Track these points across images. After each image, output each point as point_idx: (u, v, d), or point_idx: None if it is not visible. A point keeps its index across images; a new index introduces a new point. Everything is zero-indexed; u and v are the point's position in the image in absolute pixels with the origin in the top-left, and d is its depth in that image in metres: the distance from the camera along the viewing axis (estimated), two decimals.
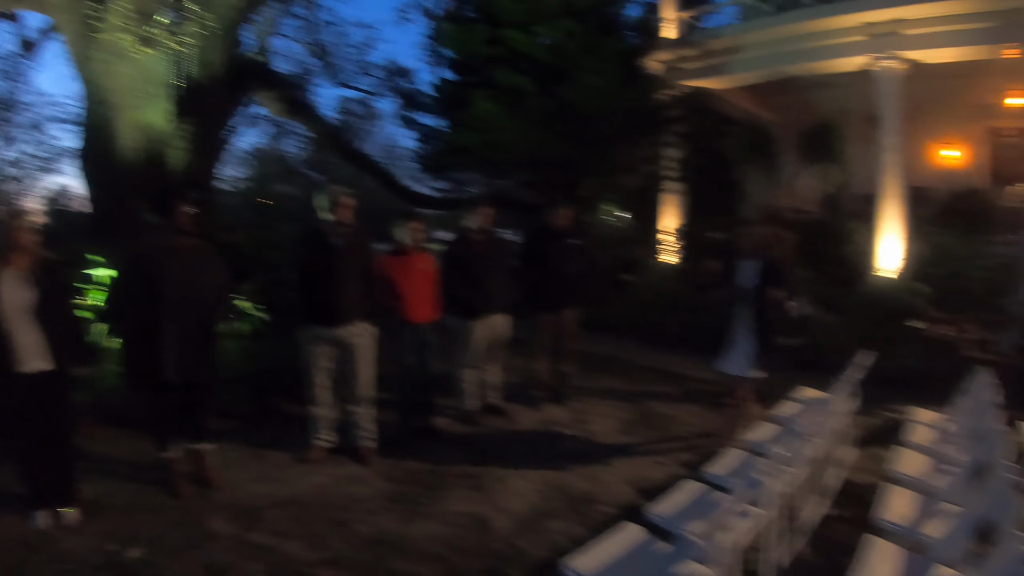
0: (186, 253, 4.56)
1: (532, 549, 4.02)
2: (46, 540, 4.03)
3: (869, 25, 11.94)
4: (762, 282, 5.46)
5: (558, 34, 11.78)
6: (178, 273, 4.47)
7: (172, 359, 4.45)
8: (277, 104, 13.21)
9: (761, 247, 5.64)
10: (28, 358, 3.97)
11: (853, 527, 4.08)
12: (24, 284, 3.97)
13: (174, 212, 4.57)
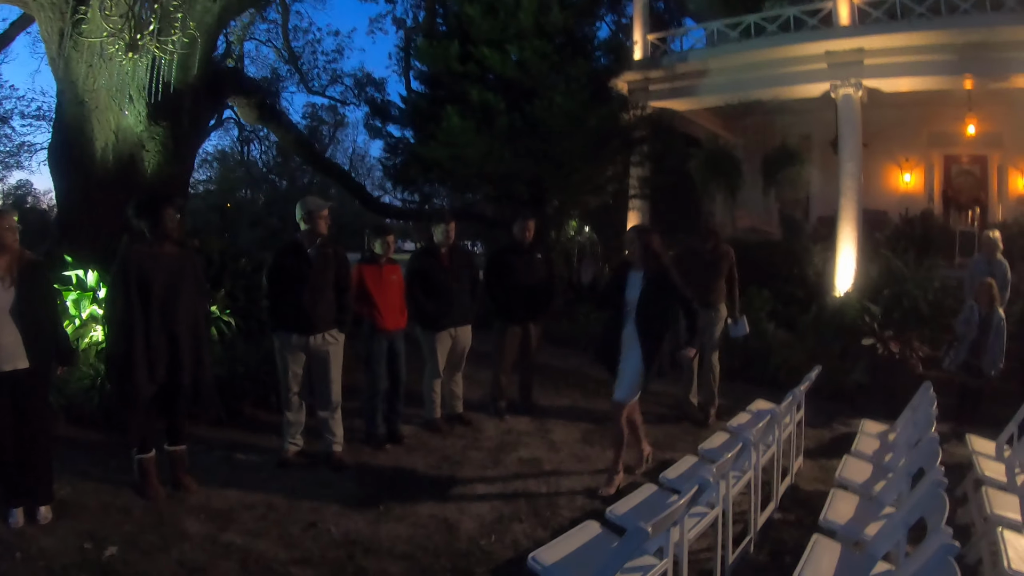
0: (171, 259, 4.65)
1: (497, 550, 4.15)
2: (21, 538, 4.06)
3: (830, 54, 12.27)
4: (647, 295, 5.12)
5: (528, 53, 11.93)
6: (164, 279, 4.57)
7: (156, 362, 4.54)
8: (248, 110, 13.24)
9: (645, 256, 5.21)
10: (7, 357, 4.01)
11: (799, 529, 4.32)
12: (4, 283, 4.02)
13: (161, 219, 4.63)
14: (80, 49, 8.47)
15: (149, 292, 4.51)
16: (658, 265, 5.16)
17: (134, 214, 4.72)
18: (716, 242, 7.17)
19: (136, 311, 4.49)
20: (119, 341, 4.58)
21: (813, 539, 3.31)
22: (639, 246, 5.28)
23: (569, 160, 12.37)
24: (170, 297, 4.58)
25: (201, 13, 8.80)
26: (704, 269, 6.99)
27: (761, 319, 9.07)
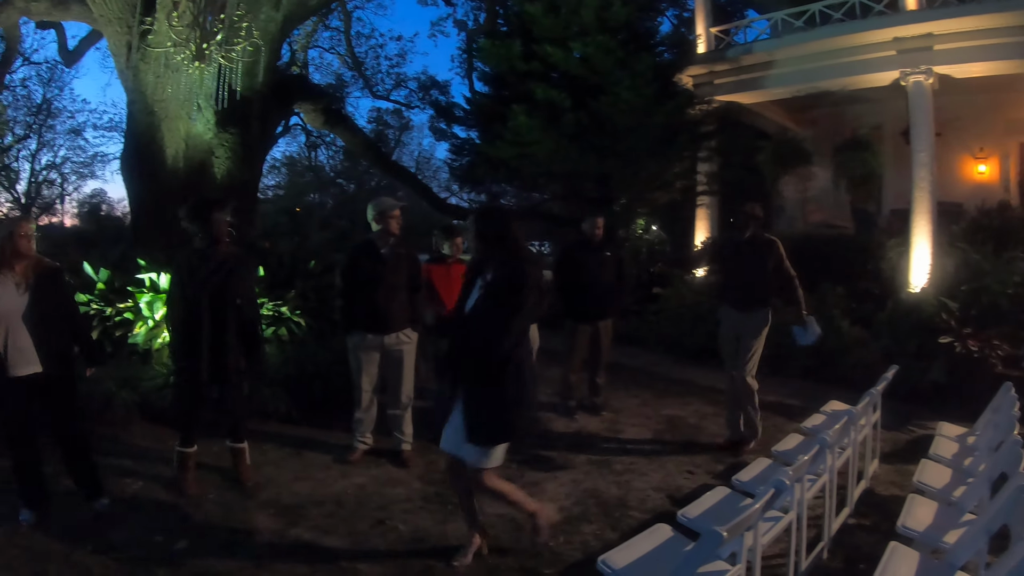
0: (223, 260, 4.76)
1: (566, 550, 4.13)
2: (92, 530, 4.22)
3: (899, 40, 11.95)
4: (484, 306, 3.73)
5: (592, 49, 11.88)
6: (215, 279, 4.68)
7: (208, 360, 4.66)
8: (315, 115, 13.47)
9: (484, 249, 3.84)
10: (22, 362, 4.11)
11: (874, 536, 4.21)
12: (19, 289, 4.12)
13: (212, 221, 4.75)
14: (148, 60, 8.72)
15: (201, 293, 4.63)
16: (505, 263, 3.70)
17: (186, 218, 4.85)
18: (755, 230, 6.08)
19: (191, 311, 4.64)
20: (179, 339, 4.77)
21: (890, 547, 3.23)
22: (473, 236, 3.88)
23: (636, 157, 12.29)
24: (222, 297, 4.69)
25: (265, 22, 8.99)
26: (743, 264, 6.06)
27: (835, 316, 8.84)
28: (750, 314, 5.96)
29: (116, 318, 6.93)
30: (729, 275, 6.25)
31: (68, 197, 35.80)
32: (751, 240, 6.04)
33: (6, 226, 4.25)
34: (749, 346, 5.96)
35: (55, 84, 28.83)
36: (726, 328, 6.19)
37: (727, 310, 6.18)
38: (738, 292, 6.07)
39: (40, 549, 4.00)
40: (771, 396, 7.44)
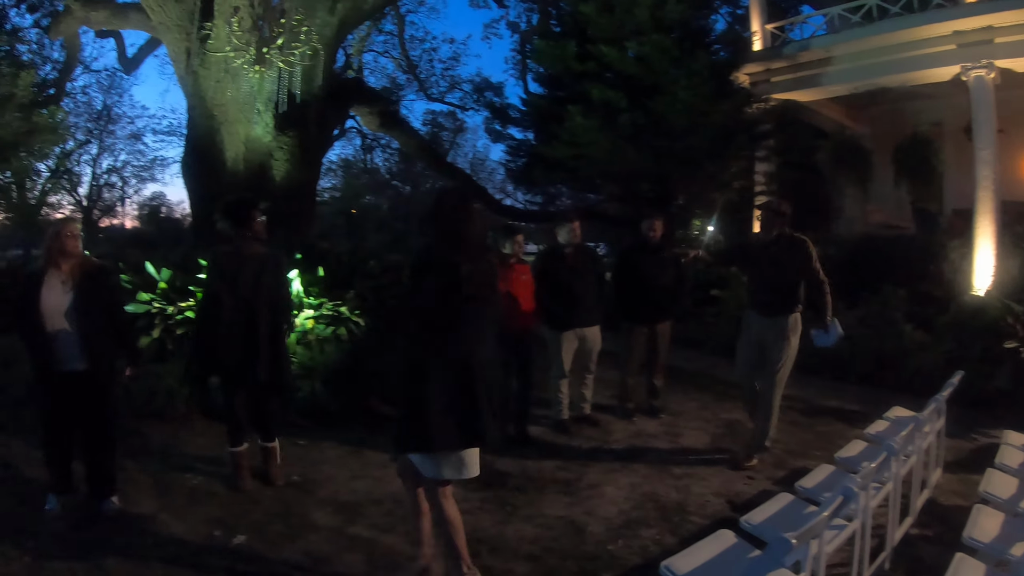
0: (255, 258, 4.82)
1: (625, 555, 4.11)
2: (154, 523, 4.35)
3: (959, 34, 11.73)
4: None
5: (648, 48, 11.82)
6: (248, 276, 4.74)
7: (237, 359, 4.74)
8: (371, 118, 13.63)
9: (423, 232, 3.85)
10: (65, 358, 4.21)
11: (937, 546, 4.14)
12: (65, 287, 4.23)
13: (247, 220, 4.82)
14: (207, 66, 8.91)
15: (234, 291, 4.70)
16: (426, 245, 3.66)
17: (220, 216, 4.92)
18: (782, 229, 5.61)
19: (220, 309, 4.70)
20: (200, 337, 4.87)
21: (956, 558, 3.16)
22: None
23: (693, 157, 12.21)
24: (253, 295, 4.75)
25: (321, 26, 9.13)
26: (769, 265, 5.56)
27: (897, 320, 8.67)
28: (776, 320, 5.51)
29: (177, 317, 7.08)
30: (754, 277, 5.87)
31: (128, 200, 36.73)
32: (778, 240, 5.58)
33: (53, 226, 4.37)
34: (778, 356, 5.51)
35: (115, 91, 29.70)
36: (748, 334, 5.76)
37: (751, 315, 5.78)
38: (763, 296, 5.64)
39: (100, 540, 4.12)
40: (831, 401, 7.37)
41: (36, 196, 17.10)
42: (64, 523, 4.32)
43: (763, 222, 5.78)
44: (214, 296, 4.75)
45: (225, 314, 4.69)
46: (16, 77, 12.15)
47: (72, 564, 3.83)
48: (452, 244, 3.39)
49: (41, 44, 18.75)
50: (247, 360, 4.75)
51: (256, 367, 4.78)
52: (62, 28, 13.31)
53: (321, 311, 7.35)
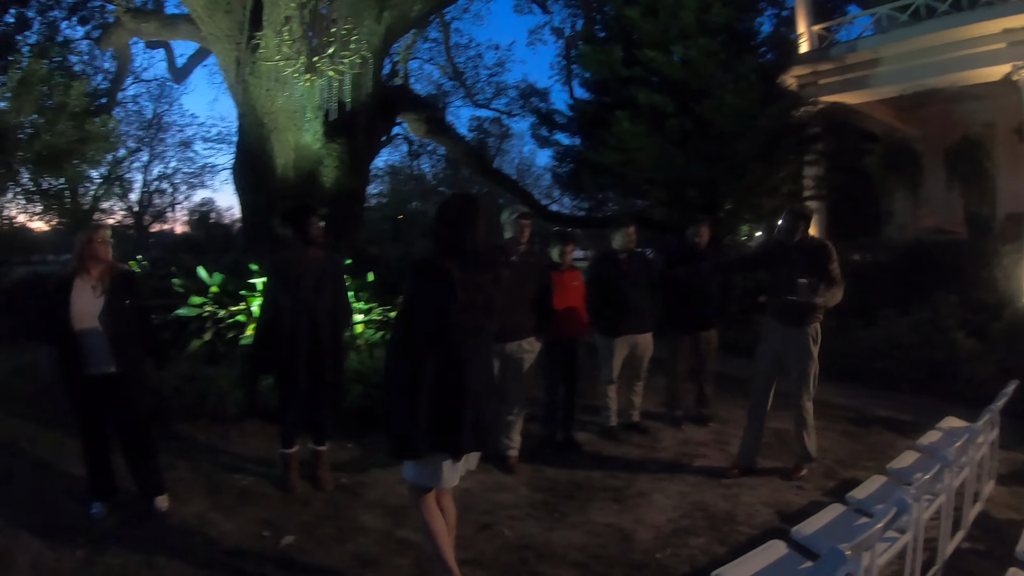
0: (315, 263, 4.89)
1: (673, 563, 4.07)
2: (204, 522, 4.44)
3: (1009, 31, 11.56)
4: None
5: (694, 52, 11.76)
6: (308, 281, 4.81)
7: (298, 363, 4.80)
8: (418, 125, 13.74)
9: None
10: (95, 361, 4.30)
11: (989, 561, 4.06)
12: (95, 292, 4.33)
13: (306, 225, 4.89)
14: (257, 75, 9.07)
15: (295, 295, 4.77)
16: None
17: (280, 222, 5.00)
18: (804, 233, 5.39)
19: (281, 313, 4.78)
20: (261, 340, 4.92)
21: (1009, 573, 3.11)
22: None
23: (741, 161, 12.08)
24: (314, 299, 4.82)
25: (368, 35, 9.24)
26: (791, 271, 5.23)
27: (949, 327, 8.50)
28: (798, 330, 5.28)
29: (229, 320, 7.23)
30: (775, 284, 5.50)
31: (178, 206, 37.59)
32: (800, 244, 5.34)
33: (83, 233, 4.47)
34: (802, 368, 5.32)
35: (165, 100, 30.54)
36: (768, 344, 5.53)
37: (771, 323, 5.55)
38: (785, 303, 5.33)
39: (150, 539, 4.22)
40: (881, 411, 7.26)
41: (89, 202, 17.56)
42: (113, 521, 4.44)
43: (785, 226, 5.41)
44: (275, 301, 4.83)
45: (285, 318, 4.77)
46: (69, 87, 12.45)
47: (124, 560, 3.93)
48: (449, 250, 3.33)
49: (93, 55, 19.37)
50: (307, 363, 4.83)
51: (316, 370, 4.86)
52: (113, 40, 13.66)
53: (371, 316, 7.44)
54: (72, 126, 12.51)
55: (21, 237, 14.76)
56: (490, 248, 3.44)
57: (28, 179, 13.10)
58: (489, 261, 3.40)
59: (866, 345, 8.87)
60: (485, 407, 3.37)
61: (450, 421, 3.27)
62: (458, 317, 3.27)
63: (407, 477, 3.43)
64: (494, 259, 3.42)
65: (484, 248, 3.39)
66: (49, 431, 6.08)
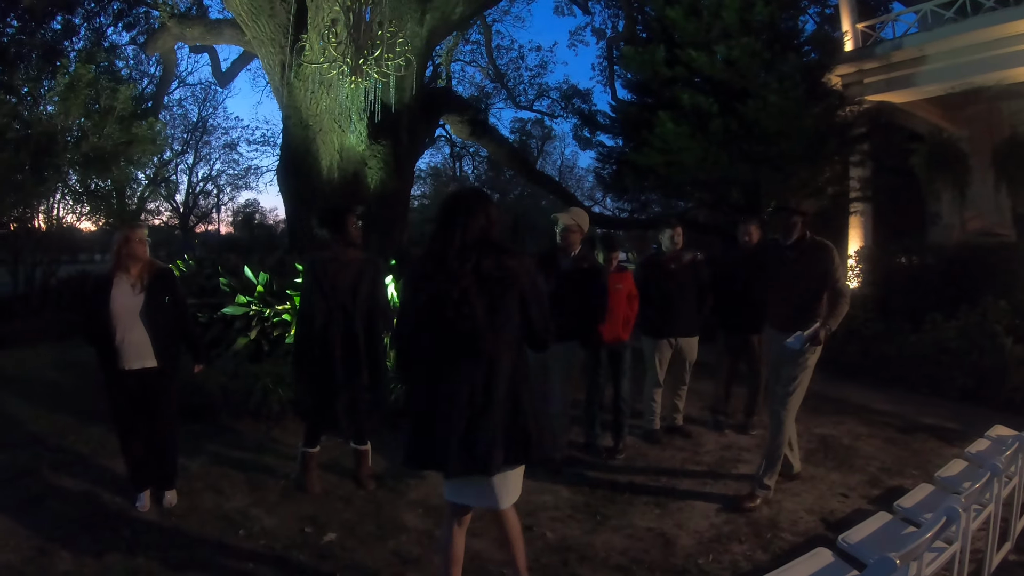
0: (353, 264, 4.93)
1: (714, 570, 4.06)
2: (246, 518, 4.52)
3: None
4: None
5: (737, 52, 11.64)
6: (345, 282, 4.85)
7: (336, 362, 4.83)
8: (461, 127, 13.82)
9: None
10: (136, 356, 4.42)
11: None
12: (134, 289, 4.45)
13: (344, 226, 4.94)
14: (302, 78, 9.18)
15: (333, 295, 4.81)
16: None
17: (318, 223, 5.03)
18: (801, 233, 5.06)
19: (318, 313, 4.81)
20: (304, 340, 4.94)
21: None
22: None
23: (786, 162, 11.92)
24: (351, 300, 4.86)
25: (410, 37, 9.32)
26: (787, 274, 5.04)
27: (997, 333, 8.32)
28: (785, 339, 4.89)
29: (274, 319, 7.33)
30: (770, 288, 5.27)
31: (223, 207, 38.29)
32: (797, 245, 5.03)
33: (121, 232, 4.58)
34: (790, 377, 4.95)
35: (210, 103, 31.11)
36: (769, 353, 5.31)
37: (769, 331, 5.28)
38: (780, 308, 5.12)
39: (193, 532, 4.32)
40: (928, 418, 7.16)
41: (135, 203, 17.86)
42: (156, 513, 4.55)
43: (781, 225, 5.13)
44: (312, 301, 4.87)
45: (321, 318, 4.81)
46: (115, 91, 12.67)
47: (165, 553, 4.02)
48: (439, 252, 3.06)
49: (138, 60, 19.80)
50: (342, 364, 4.86)
51: (352, 371, 4.90)
52: (158, 44, 13.92)
53: None
54: (119, 129, 12.75)
55: (69, 237, 15.02)
56: (501, 251, 3.06)
57: (76, 180, 13.34)
58: (496, 266, 3.03)
59: (913, 350, 8.74)
60: (481, 427, 3.00)
61: (438, 438, 3.02)
62: (441, 326, 3.03)
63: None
64: (503, 264, 3.03)
65: (492, 250, 3.05)
66: (94, 425, 6.24)
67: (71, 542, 4.13)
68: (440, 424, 3.01)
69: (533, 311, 3.09)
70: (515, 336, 3.10)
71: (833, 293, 4.84)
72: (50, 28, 15.49)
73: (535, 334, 3.14)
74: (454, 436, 2.98)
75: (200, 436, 6.04)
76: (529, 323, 3.10)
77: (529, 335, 3.14)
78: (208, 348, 6.56)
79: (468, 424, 2.99)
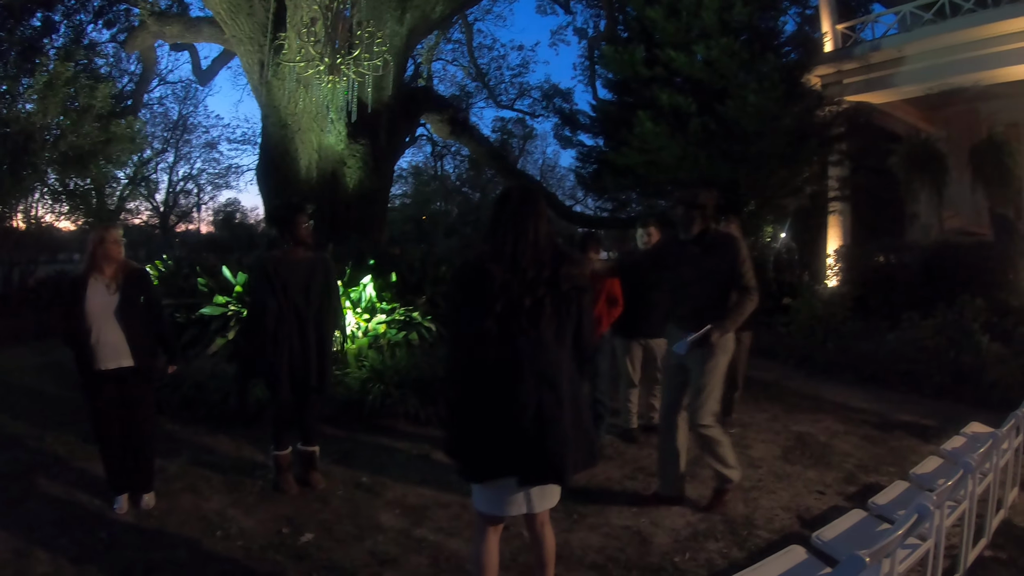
0: (303, 263, 4.87)
1: (690, 568, 4.06)
2: (224, 518, 4.49)
3: None
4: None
5: (716, 52, 11.71)
6: (296, 281, 4.80)
7: (285, 364, 4.78)
8: (441, 126, 13.80)
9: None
10: (112, 356, 4.40)
11: (1012, 570, 4.02)
12: (108, 289, 4.43)
13: (293, 225, 4.86)
14: (281, 76, 9.16)
15: (283, 295, 4.76)
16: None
17: (268, 222, 4.98)
18: (704, 226, 4.66)
19: (269, 314, 4.75)
20: (252, 341, 4.89)
21: None
22: None
23: (765, 162, 12.01)
24: (301, 299, 4.82)
25: (390, 36, 9.30)
26: (688, 270, 4.69)
27: (974, 331, 8.40)
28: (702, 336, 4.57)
29: None
30: (673, 285, 4.93)
31: (203, 206, 38.05)
32: (699, 239, 4.65)
33: (96, 233, 4.55)
34: (700, 384, 4.65)
35: (190, 101, 30.89)
36: (670, 354, 4.90)
37: (672, 331, 4.90)
38: (684, 307, 4.78)
39: (171, 533, 4.30)
40: (905, 415, 7.21)
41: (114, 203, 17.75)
42: (134, 516, 4.52)
43: (681, 219, 4.67)
44: (262, 302, 4.81)
45: (270, 319, 4.77)
46: (94, 89, 12.58)
47: (144, 554, 4.00)
48: (499, 251, 2.93)
49: (118, 58, 19.61)
50: (294, 366, 4.83)
51: (304, 372, 4.86)
52: (138, 42, 13.82)
53: (393, 316, 7.47)
54: (98, 127, 12.65)
55: (48, 237, 14.90)
56: (570, 259, 2.97)
57: (54, 179, 13.24)
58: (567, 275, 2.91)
59: (890, 348, 8.81)
60: (553, 435, 2.87)
61: (506, 448, 2.88)
62: (508, 335, 2.87)
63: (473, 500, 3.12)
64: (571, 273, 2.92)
65: (563, 258, 2.96)
66: (72, 427, 6.19)
67: (49, 544, 4.10)
68: (508, 434, 2.86)
69: (585, 323, 3.01)
70: (571, 346, 3.00)
71: (743, 287, 4.55)
72: (29, 25, 15.32)
73: (584, 347, 3.04)
74: (528, 446, 2.85)
75: (178, 437, 6.01)
76: (579, 333, 3.00)
77: (575, 346, 3.02)
78: (184, 349, 6.51)
79: (539, 433, 2.85)
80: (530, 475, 2.89)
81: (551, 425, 2.86)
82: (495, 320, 2.85)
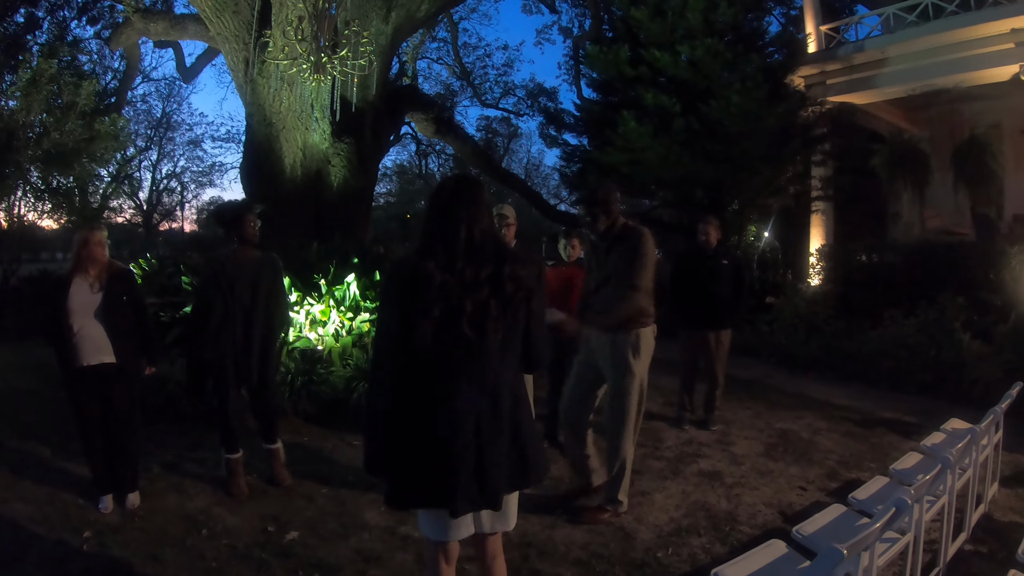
0: (251, 263, 4.86)
1: (673, 563, 4.07)
2: (209, 517, 4.49)
3: (1017, 32, 11.60)
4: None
5: (700, 52, 11.77)
6: (244, 281, 4.79)
7: (230, 363, 4.78)
8: (426, 124, 13.78)
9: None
10: (94, 351, 4.39)
11: (991, 563, 4.04)
12: (92, 288, 4.43)
13: (241, 225, 4.86)
14: (265, 74, 9.12)
15: (229, 294, 4.75)
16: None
17: (216, 221, 4.98)
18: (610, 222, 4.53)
19: (215, 314, 4.73)
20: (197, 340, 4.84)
21: (1011, 575, 3.11)
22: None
23: (748, 161, 12.09)
24: (248, 299, 4.80)
25: (375, 35, 9.29)
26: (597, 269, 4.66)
27: (955, 329, 8.49)
28: (612, 336, 4.48)
29: None
30: (593, 286, 4.71)
31: (187, 204, 37.89)
32: (606, 234, 4.53)
33: (81, 233, 4.54)
34: (613, 387, 4.55)
35: (174, 99, 30.78)
36: (582, 354, 4.80)
37: (588, 330, 4.64)
38: (599, 305, 4.56)
39: (156, 532, 4.28)
40: (887, 412, 7.29)
41: (98, 201, 17.63)
42: (119, 515, 4.50)
43: (588, 217, 4.55)
44: (208, 301, 4.79)
45: (214, 319, 4.75)
46: (78, 86, 12.50)
47: (129, 553, 3.99)
48: (428, 247, 2.60)
49: (102, 55, 19.52)
50: (242, 364, 4.83)
51: (249, 371, 4.86)
52: (122, 39, 13.72)
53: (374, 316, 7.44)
54: (81, 125, 12.57)
55: (30, 235, 14.79)
56: (514, 257, 2.61)
57: (37, 177, 13.16)
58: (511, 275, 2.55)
59: (873, 346, 8.89)
60: (490, 458, 2.56)
61: (438, 473, 2.53)
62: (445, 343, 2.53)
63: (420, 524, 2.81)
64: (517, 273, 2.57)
65: (507, 256, 2.60)
66: (56, 427, 6.14)
67: (34, 545, 4.08)
68: (440, 457, 2.52)
69: (534, 328, 2.68)
70: (517, 354, 2.67)
71: (625, 285, 4.35)
72: (12, 21, 15.22)
73: (533, 355, 2.71)
74: (462, 470, 2.50)
75: (162, 436, 5.98)
76: (528, 341, 2.68)
77: (525, 354, 2.70)
78: (168, 348, 6.48)
79: (477, 456, 2.53)
80: (462, 502, 2.54)
81: (487, 448, 2.56)
82: (432, 325, 2.50)
